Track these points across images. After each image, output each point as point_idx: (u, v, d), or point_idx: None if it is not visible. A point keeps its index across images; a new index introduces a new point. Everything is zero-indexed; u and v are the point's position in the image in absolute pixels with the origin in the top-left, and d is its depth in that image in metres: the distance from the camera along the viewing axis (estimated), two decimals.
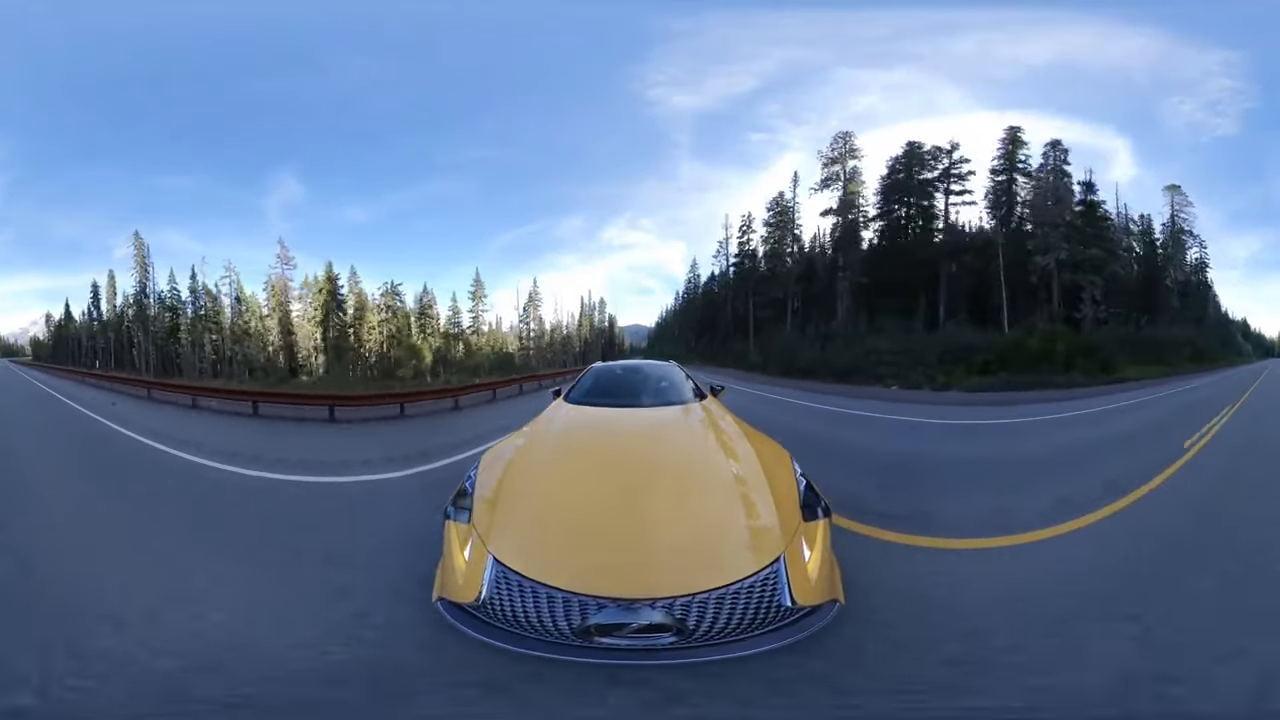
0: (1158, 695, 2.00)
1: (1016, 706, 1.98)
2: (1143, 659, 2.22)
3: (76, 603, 2.81)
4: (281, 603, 2.82)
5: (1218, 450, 6.82)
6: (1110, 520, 4.02)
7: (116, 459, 7.20)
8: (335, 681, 2.14)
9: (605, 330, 62.89)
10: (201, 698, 2.03)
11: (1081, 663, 2.19)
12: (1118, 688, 2.03)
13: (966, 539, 3.62)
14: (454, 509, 2.57)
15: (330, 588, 2.90)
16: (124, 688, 2.10)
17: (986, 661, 2.23)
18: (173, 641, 2.41)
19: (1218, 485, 5.11)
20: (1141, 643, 2.35)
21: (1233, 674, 2.10)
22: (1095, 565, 3.20)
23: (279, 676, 2.18)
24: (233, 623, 2.58)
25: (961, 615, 2.59)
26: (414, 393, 15.84)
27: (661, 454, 3.21)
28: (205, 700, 2.02)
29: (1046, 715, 1.95)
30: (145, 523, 4.30)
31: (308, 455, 7.11)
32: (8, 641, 2.43)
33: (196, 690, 2.08)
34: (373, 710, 2.00)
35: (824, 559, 2.29)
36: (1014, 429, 9.46)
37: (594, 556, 2.16)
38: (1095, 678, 2.09)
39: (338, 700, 2.06)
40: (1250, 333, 62.75)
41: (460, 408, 13.70)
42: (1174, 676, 2.08)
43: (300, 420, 11.18)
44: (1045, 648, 2.32)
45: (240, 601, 2.81)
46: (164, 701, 2.03)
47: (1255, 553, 3.38)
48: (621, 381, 4.95)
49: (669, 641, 1.94)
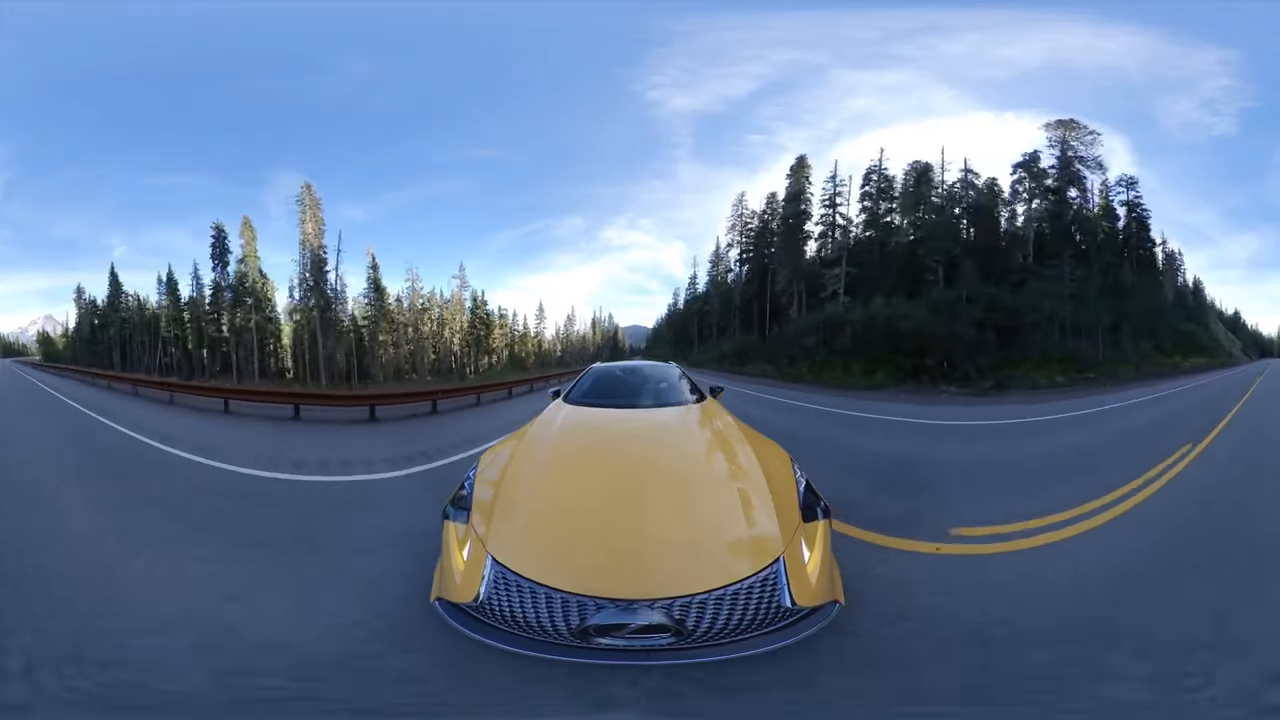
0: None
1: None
2: None
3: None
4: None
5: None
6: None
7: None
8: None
9: (611, 334, 73.62)
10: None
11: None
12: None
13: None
14: (453, 509, 2.57)
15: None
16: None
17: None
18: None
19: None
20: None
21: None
22: None
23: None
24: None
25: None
26: (539, 377, 27.19)
27: (661, 455, 3.21)
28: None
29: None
30: None
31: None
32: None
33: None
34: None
35: (824, 560, 2.28)
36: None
37: (592, 557, 2.16)
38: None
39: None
40: (1243, 327, 61.64)
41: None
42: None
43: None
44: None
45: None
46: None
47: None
48: (621, 382, 4.94)
49: (667, 642, 1.94)
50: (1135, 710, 1.99)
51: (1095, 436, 8.72)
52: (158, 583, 3.08)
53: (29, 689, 2.07)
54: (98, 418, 10.89)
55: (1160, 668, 2.19)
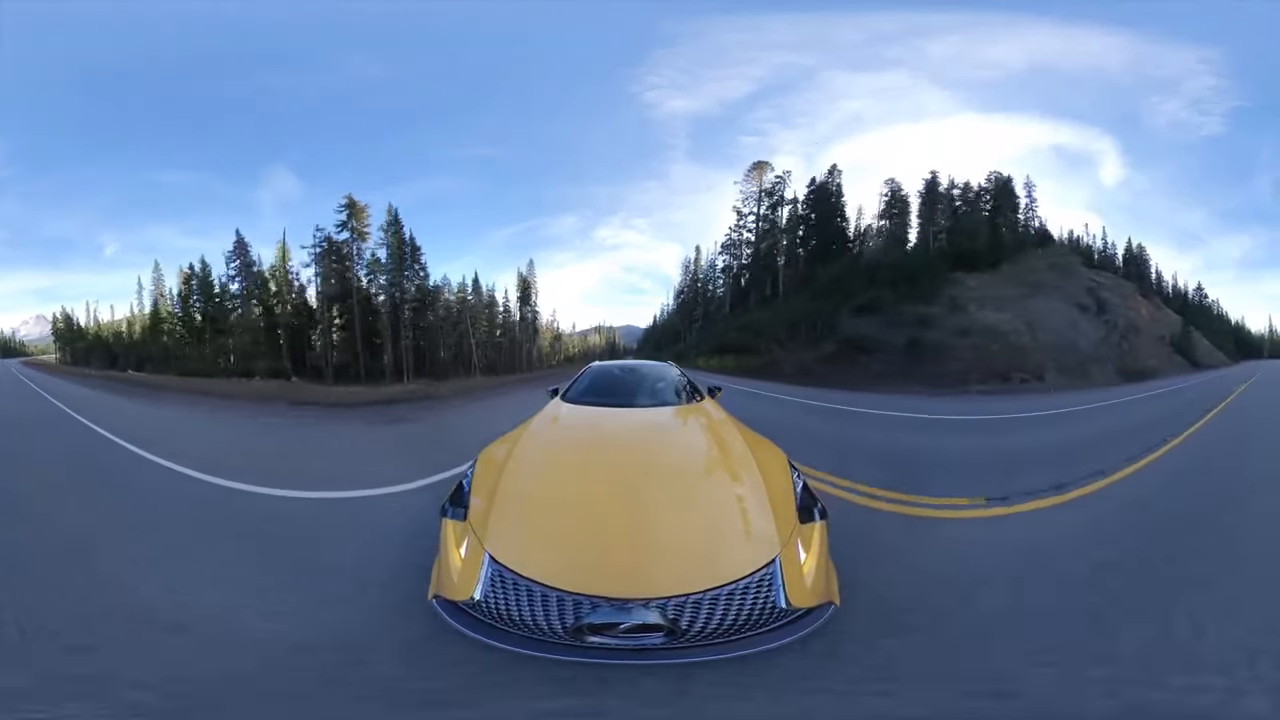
0: None
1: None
2: None
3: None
4: None
5: None
6: None
7: None
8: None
9: (610, 335, 79.35)
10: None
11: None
12: None
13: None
14: (450, 506, 2.57)
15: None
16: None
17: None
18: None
19: None
20: None
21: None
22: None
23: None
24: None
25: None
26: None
27: (658, 454, 3.22)
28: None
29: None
30: None
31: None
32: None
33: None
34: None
35: (820, 561, 2.29)
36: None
37: (589, 555, 2.16)
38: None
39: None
40: (1224, 320, 61.19)
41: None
42: None
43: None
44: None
45: None
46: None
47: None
48: (619, 381, 4.94)
49: (661, 641, 1.95)
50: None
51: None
52: None
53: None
54: None
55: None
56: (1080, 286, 37.10)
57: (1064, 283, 36.74)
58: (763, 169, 48.11)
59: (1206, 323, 55.13)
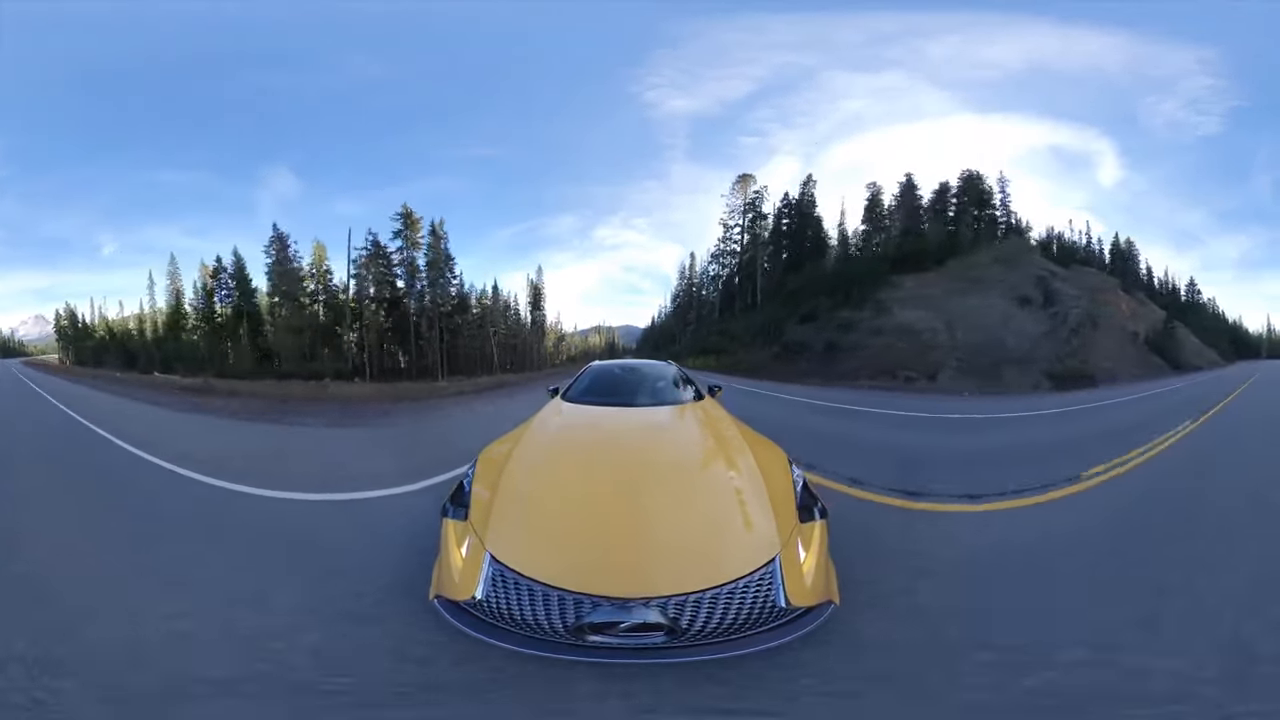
0: None
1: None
2: None
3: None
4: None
5: None
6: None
7: None
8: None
9: (610, 336, 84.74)
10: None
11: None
12: None
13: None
14: (451, 506, 2.57)
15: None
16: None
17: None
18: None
19: None
20: None
21: None
22: None
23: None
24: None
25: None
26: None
27: (658, 453, 3.22)
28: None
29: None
30: None
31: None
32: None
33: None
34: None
35: (820, 560, 2.30)
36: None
37: (590, 555, 2.17)
38: None
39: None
40: (1220, 319, 60.08)
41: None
42: None
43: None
44: None
45: None
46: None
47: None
48: (619, 381, 4.94)
49: (662, 640, 1.95)
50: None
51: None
52: None
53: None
54: None
55: None
56: (1027, 278, 35.83)
57: (1007, 276, 35.92)
58: (746, 182, 51.84)
59: (1199, 320, 54.52)
